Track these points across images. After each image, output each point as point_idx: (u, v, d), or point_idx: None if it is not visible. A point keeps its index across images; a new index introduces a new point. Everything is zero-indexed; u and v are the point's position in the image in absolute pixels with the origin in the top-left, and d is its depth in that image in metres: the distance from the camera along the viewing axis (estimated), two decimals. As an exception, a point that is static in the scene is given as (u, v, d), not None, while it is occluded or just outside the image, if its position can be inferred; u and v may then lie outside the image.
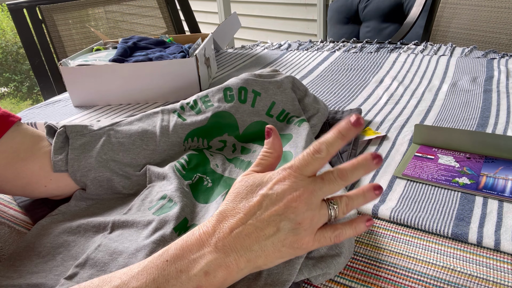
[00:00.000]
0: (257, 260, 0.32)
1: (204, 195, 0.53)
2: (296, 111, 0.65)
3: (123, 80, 0.88)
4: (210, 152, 0.60)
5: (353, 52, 1.17)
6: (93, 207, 0.53)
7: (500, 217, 0.46)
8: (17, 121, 0.51)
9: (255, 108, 0.63)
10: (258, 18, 3.12)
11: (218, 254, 0.31)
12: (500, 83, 0.85)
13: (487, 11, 1.43)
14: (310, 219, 0.32)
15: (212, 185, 0.54)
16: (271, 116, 0.64)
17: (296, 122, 0.63)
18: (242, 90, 0.63)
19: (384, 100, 0.83)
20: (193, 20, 1.78)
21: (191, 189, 0.53)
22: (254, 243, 0.31)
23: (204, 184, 0.55)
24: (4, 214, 0.54)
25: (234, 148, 0.62)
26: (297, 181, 0.32)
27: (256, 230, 0.31)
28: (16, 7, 1.37)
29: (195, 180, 0.55)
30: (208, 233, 0.32)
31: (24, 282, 0.40)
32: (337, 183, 0.33)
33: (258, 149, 0.60)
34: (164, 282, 0.30)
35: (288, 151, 0.57)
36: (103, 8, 1.61)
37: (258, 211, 0.32)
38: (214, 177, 0.56)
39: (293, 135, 0.60)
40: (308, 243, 0.33)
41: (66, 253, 0.44)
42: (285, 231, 0.31)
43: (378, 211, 0.48)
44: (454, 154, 0.59)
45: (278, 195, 0.32)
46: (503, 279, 0.38)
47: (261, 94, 0.64)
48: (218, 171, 0.57)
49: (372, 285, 0.39)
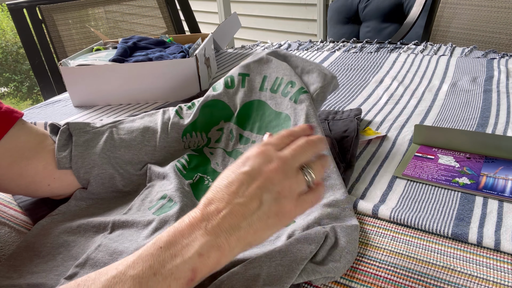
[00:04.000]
0: (246, 237, 0.33)
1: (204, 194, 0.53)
2: (292, 77, 0.60)
3: (123, 80, 0.88)
4: (209, 150, 0.60)
5: (353, 52, 1.17)
6: (93, 207, 0.53)
7: (500, 217, 0.46)
8: (20, 117, 0.51)
9: (246, 88, 0.62)
10: (258, 18, 3.12)
11: (210, 237, 0.32)
12: (500, 83, 0.85)
13: (487, 11, 1.43)
14: (289, 187, 0.34)
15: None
16: (265, 90, 0.62)
17: (292, 95, 0.58)
18: (228, 79, 0.63)
19: (384, 100, 0.82)
20: (193, 20, 1.78)
21: (192, 189, 0.53)
22: (242, 221, 0.32)
23: (205, 183, 0.55)
24: (4, 214, 0.54)
25: (232, 136, 0.61)
26: (271, 153, 0.35)
27: (242, 207, 0.33)
28: (16, 7, 1.37)
29: (195, 179, 0.55)
30: (198, 218, 0.33)
31: (25, 282, 0.40)
32: (305, 148, 0.36)
33: (257, 139, 0.59)
34: (160, 267, 0.30)
35: None
36: (103, 8, 1.61)
37: (241, 189, 0.33)
38: (214, 176, 0.56)
39: (290, 118, 0.57)
40: (291, 210, 0.34)
41: (66, 253, 0.44)
42: (267, 202, 0.33)
43: (378, 211, 0.48)
44: (454, 154, 0.59)
45: (255, 170, 0.34)
46: (503, 279, 0.38)
47: (250, 74, 0.63)
48: (218, 169, 0.57)
49: (372, 285, 0.39)
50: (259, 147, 0.36)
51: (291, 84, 0.59)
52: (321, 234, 0.41)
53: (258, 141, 0.59)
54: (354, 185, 0.55)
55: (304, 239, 0.40)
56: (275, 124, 0.59)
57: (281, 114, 0.59)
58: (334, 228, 0.43)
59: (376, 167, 0.58)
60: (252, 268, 0.38)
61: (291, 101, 0.58)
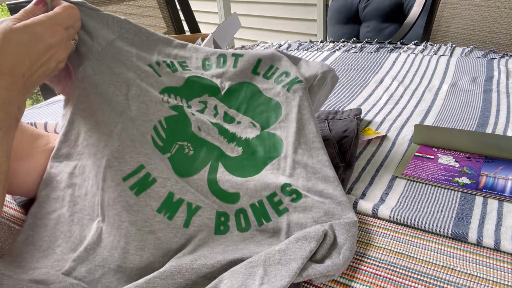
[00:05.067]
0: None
1: (185, 167, 0.49)
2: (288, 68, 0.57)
3: (123, 80, 0.88)
4: (191, 111, 0.54)
5: (353, 52, 1.17)
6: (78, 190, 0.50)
7: (500, 217, 0.46)
8: None
9: (238, 69, 0.57)
10: (258, 18, 3.12)
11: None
12: (500, 83, 0.85)
13: (487, 11, 1.43)
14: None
15: (194, 153, 0.51)
16: (257, 74, 0.57)
17: (286, 84, 0.55)
18: (221, 58, 0.58)
19: (384, 100, 0.83)
20: (193, 20, 1.78)
21: (170, 161, 0.49)
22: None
23: (185, 152, 0.51)
24: (4, 213, 0.54)
25: (216, 112, 0.55)
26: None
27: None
28: (16, 7, 1.37)
29: (174, 151, 0.50)
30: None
31: (27, 278, 0.41)
32: None
33: (243, 120, 0.55)
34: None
35: (278, 137, 0.53)
36: (103, 8, 1.61)
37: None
38: (195, 143, 0.51)
39: (281, 106, 0.54)
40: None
41: (64, 245, 0.45)
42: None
43: (378, 210, 0.48)
44: (454, 154, 0.59)
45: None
46: (503, 278, 0.38)
47: (244, 55, 0.58)
48: (200, 135, 0.52)
49: (372, 285, 0.39)
50: None
51: (286, 74, 0.57)
52: (320, 232, 0.41)
53: (244, 122, 0.55)
54: (354, 185, 0.55)
55: (304, 237, 0.40)
56: (263, 109, 0.55)
57: (271, 100, 0.55)
58: (332, 225, 0.43)
59: (376, 167, 0.58)
60: (251, 267, 0.38)
61: (284, 88, 0.55)
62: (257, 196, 0.47)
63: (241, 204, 0.47)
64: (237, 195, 0.48)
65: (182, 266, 0.39)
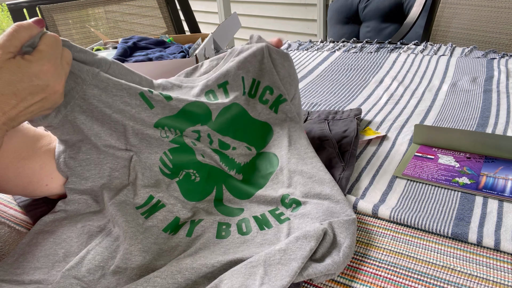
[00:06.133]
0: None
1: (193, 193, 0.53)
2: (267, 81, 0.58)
3: (123, 80, 0.88)
4: (191, 140, 0.54)
5: (353, 52, 1.17)
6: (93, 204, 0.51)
7: (500, 217, 0.46)
8: None
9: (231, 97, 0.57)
10: (258, 18, 3.12)
11: None
12: (500, 83, 0.86)
13: (487, 11, 1.43)
14: None
15: (200, 179, 0.54)
16: (243, 94, 0.58)
17: (271, 104, 0.57)
18: (210, 94, 0.57)
19: (384, 100, 0.83)
20: (193, 20, 1.78)
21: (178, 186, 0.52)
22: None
23: (192, 179, 0.53)
24: (4, 214, 0.54)
25: (211, 140, 0.56)
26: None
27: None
28: (16, 7, 1.37)
29: (181, 176, 0.53)
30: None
31: (27, 277, 0.41)
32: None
33: (238, 145, 0.56)
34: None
35: (272, 153, 0.56)
36: (103, 8, 1.62)
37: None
38: (201, 170, 0.54)
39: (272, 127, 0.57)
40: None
41: (68, 249, 0.45)
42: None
43: (378, 210, 0.48)
44: (454, 154, 0.59)
45: None
46: (503, 278, 0.38)
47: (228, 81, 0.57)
48: (205, 161, 0.54)
49: (372, 285, 0.39)
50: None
51: (269, 90, 0.58)
52: (319, 231, 0.41)
53: (239, 147, 0.56)
54: (354, 185, 0.55)
55: (303, 236, 0.40)
56: (254, 132, 0.58)
57: (260, 122, 0.58)
58: (331, 224, 0.43)
59: (376, 167, 0.59)
60: (252, 267, 0.38)
61: (271, 110, 0.58)
62: (259, 211, 0.49)
63: (244, 216, 0.49)
64: (240, 210, 0.51)
65: (182, 266, 0.39)
